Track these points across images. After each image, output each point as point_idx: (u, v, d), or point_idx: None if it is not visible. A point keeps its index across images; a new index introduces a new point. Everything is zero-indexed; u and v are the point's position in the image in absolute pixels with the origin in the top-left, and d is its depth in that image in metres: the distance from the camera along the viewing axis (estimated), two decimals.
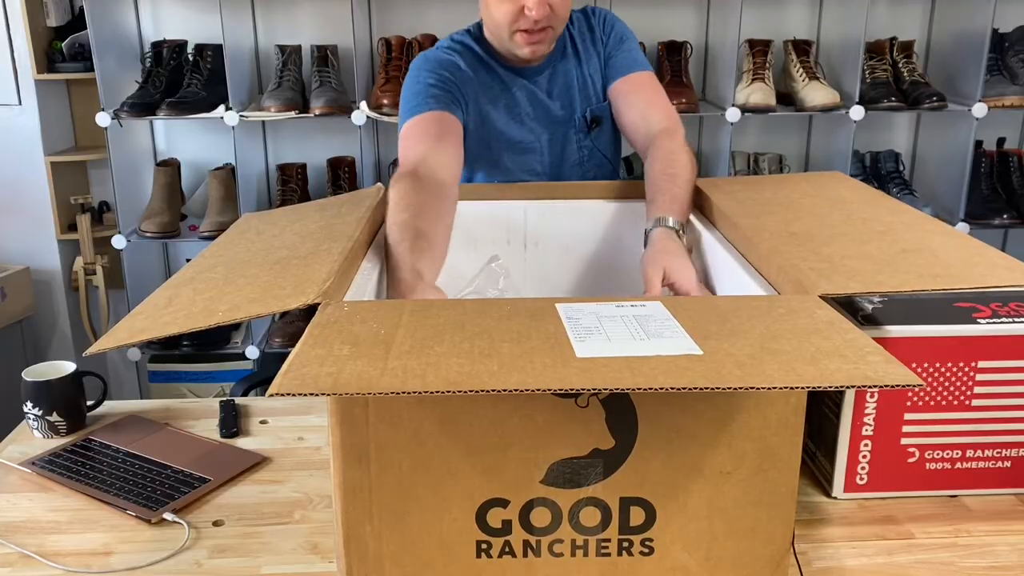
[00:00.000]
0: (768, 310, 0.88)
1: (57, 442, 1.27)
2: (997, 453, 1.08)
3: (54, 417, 1.28)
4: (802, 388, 0.71)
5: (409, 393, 0.71)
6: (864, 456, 1.07)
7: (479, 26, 1.67)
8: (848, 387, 0.72)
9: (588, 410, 0.83)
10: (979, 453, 1.08)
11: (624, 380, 0.72)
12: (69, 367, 1.32)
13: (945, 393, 1.05)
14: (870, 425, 1.06)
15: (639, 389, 0.70)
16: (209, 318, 0.93)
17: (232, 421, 1.31)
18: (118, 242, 2.63)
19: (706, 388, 0.70)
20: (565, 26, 1.65)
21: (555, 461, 0.85)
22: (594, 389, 0.71)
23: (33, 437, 1.29)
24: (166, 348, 2.75)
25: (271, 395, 0.71)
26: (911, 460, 1.08)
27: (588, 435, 0.84)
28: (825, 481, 1.11)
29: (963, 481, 1.09)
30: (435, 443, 0.84)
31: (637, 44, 1.71)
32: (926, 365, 1.04)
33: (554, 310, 0.89)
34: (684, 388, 0.70)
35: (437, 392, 0.71)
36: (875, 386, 0.71)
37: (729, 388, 0.70)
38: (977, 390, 1.05)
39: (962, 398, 1.06)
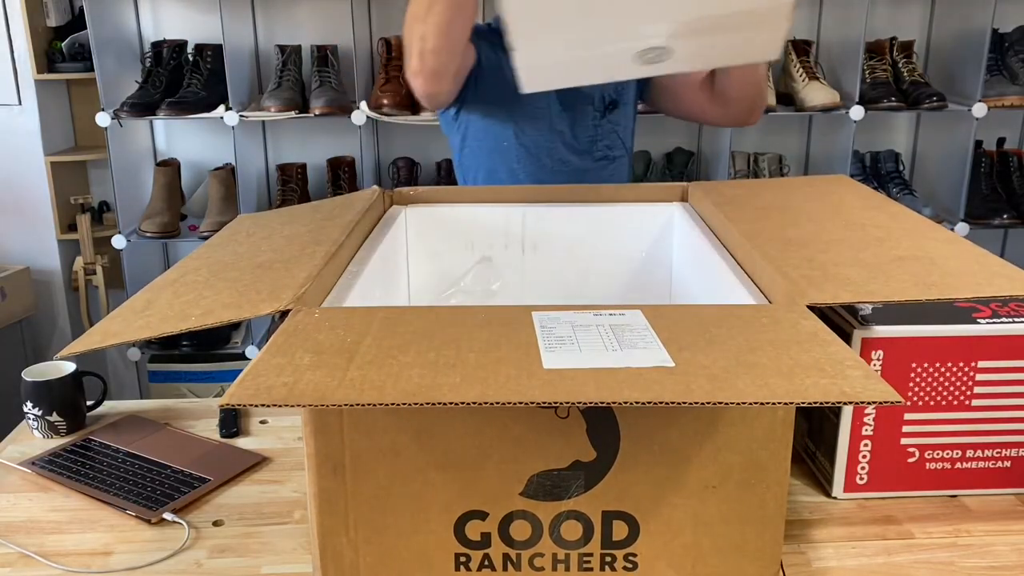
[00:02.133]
0: (751, 320, 0.86)
1: (57, 442, 1.27)
2: (997, 453, 1.08)
3: (54, 417, 1.28)
4: (773, 404, 0.69)
5: (364, 405, 0.70)
6: (864, 456, 1.07)
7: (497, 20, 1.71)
8: (823, 403, 0.69)
9: (568, 421, 0.82)
10: (979, 453, 1.08)
11: (587, 394, 0.70)
12: (69, 367, 1.32)
13: (945, 393, 1.05)
14: (870, 425, 1.06)
15: (601, 403, 0.68)
16: (182, 323, 0.92)
17: (232, 421, 1.31)
18: (118, 242, 2.63)
19: (671, 403, 0.68)
20: None
21: (535, 473, 0.83)
22: (553, 403, 0.69)
23: (33, 437, 1.29)
24: (166, 348, 2.75)
25: (222, 406, 0.71)
26: (911, 460, 1.08)
27: (568, 447, 0.82)
28: (825, 481, 1.11)
29: (963, 481, 1.09)
30: (411, 453, 0.83)
31: None
32: (926, 365, 1.04)
33: (529, 319, 0.87)
34: (648, 403, 0.68)
35: (393, 404, 0.69)
36: (851, 402, 0.69)
37: (696, 403, 0.68)
38: (977, 390, 1.05)
39: (962, 398, 1.06)
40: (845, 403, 0.69)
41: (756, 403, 0.69)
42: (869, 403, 0.69)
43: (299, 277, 0.99)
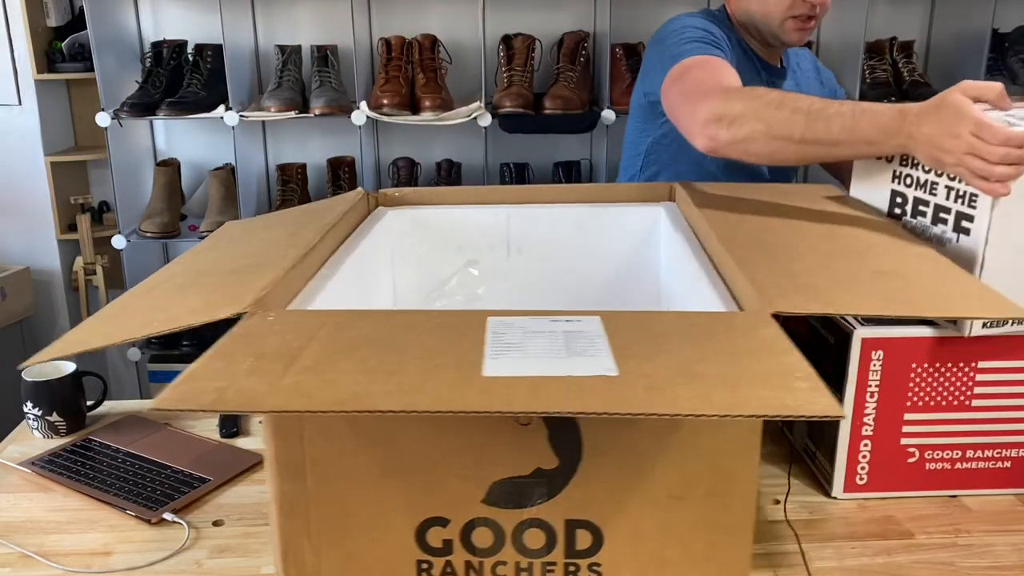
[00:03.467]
0: (708, 328, 0.84)
1: (57, 442, 1.27)
2: (997, 453, 1.08)
3: (54, 417, 1.28)
4: (709, 416, 0.68)
5: (291, 412, 0.69)
6: (864, 456, 1.07)
7: (722, 11, 1.68)
8: (762, 416, 0.68)
9: (530, 428, 0.81)
10: (979, 453, 1.08)
11: (520, 403, 0.69)
12: (69, 367, 1.32)
13: (945, 393, 1.05)
14: (870, 425, 1.06)
15: (534, 413, 0.67)
16: (144, 329, 0.91)
17: (232, 421, 1.31)
18: (118, 242, 2.63)
19: (603, 414, 0.67)
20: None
21: (496, 480, 0.82)
22: (483, 412, 0.68)
23: (33, 437, 1.29)
24: (166, 348, 2.75)
25: (152, 410, 0.71)
26: (911, 460, 1.08)
27: (530, 454, 0.81)
28: (825, 481, 1.11)
29: (963, 481, 1.09)
30: (371, 458, 0.82)
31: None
32: (926, 365, 1.04)
33: (483, 324, 0.85)
34: (580, 413, 0.68)
35: (319, 412, 0.69)
36: (791, 416, 0.68)
37: (629, 414, 0.67)
38: (977, 390, 1.05)
39: (962, 398, 1.06)
40: (785, 416, 0.67)
41: (690, 415, 0.67)
42: (810, 418, 0.68)
43: (264, 280, 0.98)
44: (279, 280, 0.99)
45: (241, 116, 2.56)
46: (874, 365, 1.03)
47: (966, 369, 1.04)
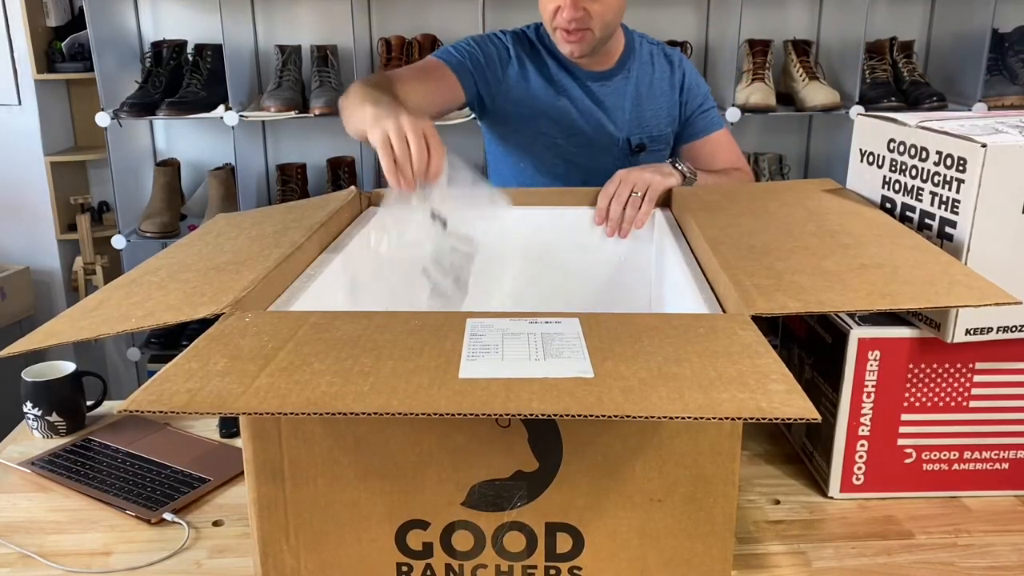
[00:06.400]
0: (686, 330, 0.84)
1: (57, 442, 1.27)
2: (995, 455, 1.08)
3: (54, 417, 1.28)
4: (683, 418, 0.68)
5: (263, 414, 0.69)
6: (860, 456, 1.08)
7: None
8: (736, 419, 0.68)
9: (510, 430, 0.81)
10: (977, 455, 1.08)
11: (494, 405, 0.68)
12: (69, 367, 1.32)
13: (942, 394, 1.05)
14: (866, 426, 1.06)
15: (506, 415, 0.67)
16: (122, 324, 0.91)
17: (232, 421, 1.31)
18: (118, 242, 2.63)
19: (577, 416, 0.67)
20: (632, 43, 1.70)
21: (476, 483, 0.82)
22: (458, 414, 0.68)
23: (33, 437, 1.29)
24: (166, 348, 2.76)
25: (120, 411, 0.71)
26: (908, 461, 1.08)
27: (510, 456, 0.81)
28: (822, 481, 1.11)
29: (961, 483, 1.09)
30: (350, 460, 0.82)
31: (712, 99, 1.78)
32: (923, 366, 1.04)
33: (462, 325, 0.85)
34: (555, 415, 0.68)
35: (292, 414, 0.69)
36: (765, 419, 0.67)
37: (602, 416, 0.67)
38: (975, 391, 1.05)
39: (959, 399, 1.06)
40: (760, 419, 0.67)
41: (664, 417, 0.67)
42: (784, 420, 0.68)
43: (246, 279, 0.98)
44: (260, 280, 0.98)
45: (241, 116, 2.56)
46: (871, 365, 1.04)
47: (963, 370, 1.05)
